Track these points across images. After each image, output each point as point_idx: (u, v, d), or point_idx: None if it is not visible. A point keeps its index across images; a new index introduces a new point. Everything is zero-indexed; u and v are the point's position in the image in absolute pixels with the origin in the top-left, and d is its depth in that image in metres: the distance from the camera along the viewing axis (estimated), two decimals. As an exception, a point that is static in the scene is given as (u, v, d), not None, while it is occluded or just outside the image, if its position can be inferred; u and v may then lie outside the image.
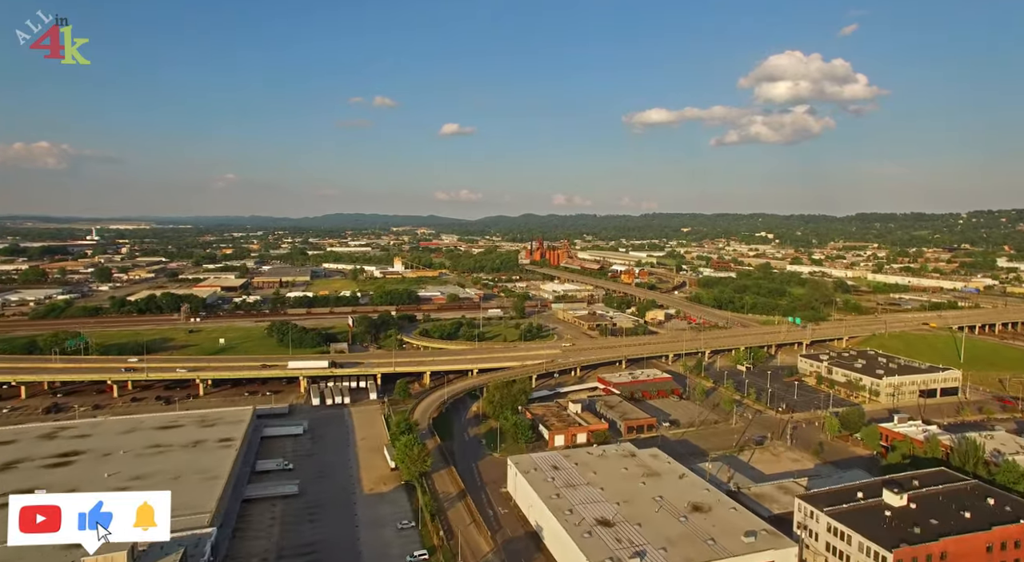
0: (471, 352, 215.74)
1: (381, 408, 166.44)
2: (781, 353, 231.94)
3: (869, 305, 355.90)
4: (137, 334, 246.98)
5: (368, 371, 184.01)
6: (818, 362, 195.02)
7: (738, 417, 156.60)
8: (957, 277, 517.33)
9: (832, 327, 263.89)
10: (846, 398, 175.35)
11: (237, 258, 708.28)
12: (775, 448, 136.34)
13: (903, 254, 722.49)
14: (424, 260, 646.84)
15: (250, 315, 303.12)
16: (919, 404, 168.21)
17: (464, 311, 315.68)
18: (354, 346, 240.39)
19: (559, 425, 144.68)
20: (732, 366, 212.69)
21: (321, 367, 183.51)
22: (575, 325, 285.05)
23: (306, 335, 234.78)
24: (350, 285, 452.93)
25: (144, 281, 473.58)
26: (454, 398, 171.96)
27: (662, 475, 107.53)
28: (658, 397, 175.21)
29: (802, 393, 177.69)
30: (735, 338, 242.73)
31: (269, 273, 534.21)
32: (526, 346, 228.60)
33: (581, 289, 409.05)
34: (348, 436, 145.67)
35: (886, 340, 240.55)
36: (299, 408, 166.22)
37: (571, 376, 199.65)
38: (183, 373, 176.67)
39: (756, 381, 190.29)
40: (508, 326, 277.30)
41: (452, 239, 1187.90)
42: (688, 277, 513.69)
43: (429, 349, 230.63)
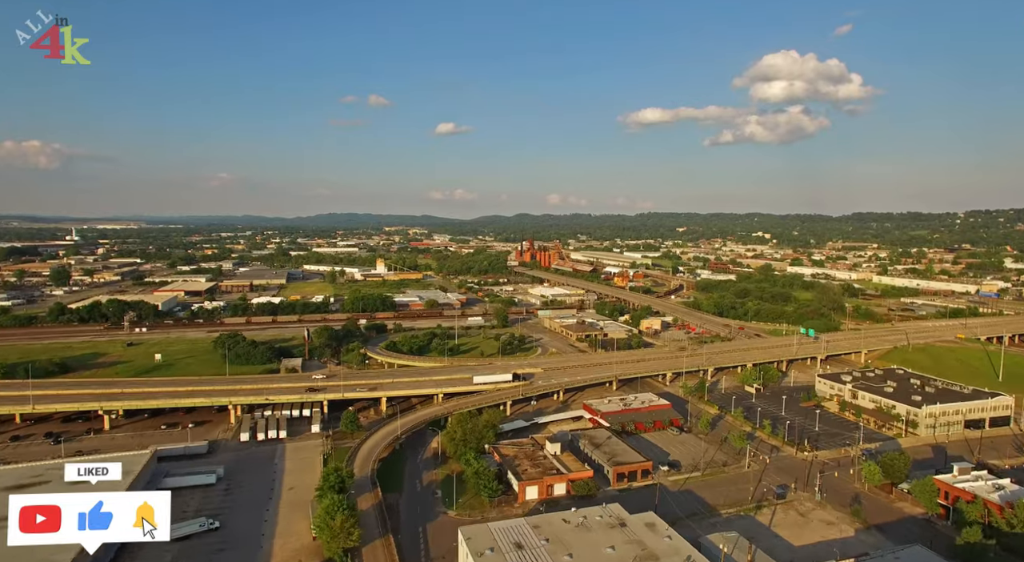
0: (440, 371, 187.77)
1: (324, 444, 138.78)
2: (793, 369, 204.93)
3: (880, 311, 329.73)
4: (67, 348, 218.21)
5: (310, 398, 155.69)
6: (840, 383, 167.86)
7: (751, 457, 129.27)
8: (967, 279, 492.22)
9: (847, 339, 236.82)
10: (877, 430, 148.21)
11: (218, 259, 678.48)
12: (801, 503, 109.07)
13: (906, 255, 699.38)
14: (409, 261, 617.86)
15: (205, 324, 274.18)
16: (966, 437, 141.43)
17: (442, 319, 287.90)
18: (311, 362, 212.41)
19: (532, 472, 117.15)
20: (739, 387, 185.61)
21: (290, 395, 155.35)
22: (562, 335, 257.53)
23: (255, 349, 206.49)
24: (326, 289, 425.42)
25: (107, 285, 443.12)
26: (412, 430, 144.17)
27: (660, 559, 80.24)
28: (654, 429, 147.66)
29: (824, 423, 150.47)
30: (741, 353, 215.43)
31: (242, 276, 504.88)
32: (504, 363, 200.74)
33: (571, 293, 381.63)
34: (273, 485, 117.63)
35: (910, 354, 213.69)
36: (223, 445, 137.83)
37: (553, 400, 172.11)
38: (86, 403, 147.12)
39: (769, 407, 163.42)
40: (488, 337, 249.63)
41: (444, 239, 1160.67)
42: (685, 280, 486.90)
43: (395, 366, 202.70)
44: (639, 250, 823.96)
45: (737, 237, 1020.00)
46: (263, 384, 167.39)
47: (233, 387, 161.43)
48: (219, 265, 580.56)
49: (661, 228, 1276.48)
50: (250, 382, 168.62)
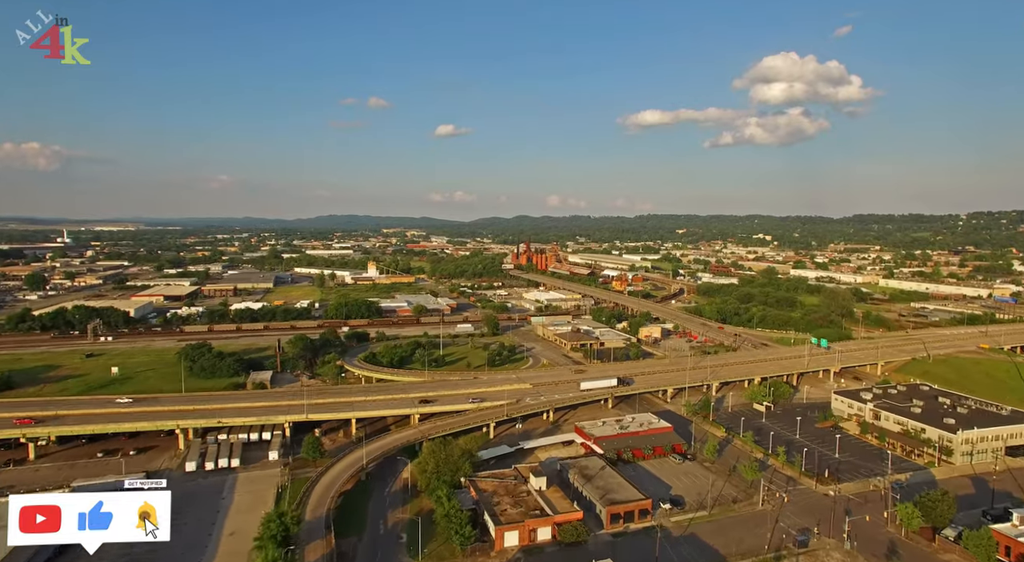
0: (420, 386, 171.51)
1: (281, 474, 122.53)
2: (805, 384, 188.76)
3: (891, 316, 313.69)
4: (17, 360, 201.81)
5: (268, 421, 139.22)
6: (860, 402, 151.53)
7: (766, 492, 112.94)
8: (976, 282, 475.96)
9: (862, 349, 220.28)
10: (905, 457, 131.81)
11: (209, 262, 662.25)
12: (828, 554, 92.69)
13: (910, 257, 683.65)
14: (402, 264, 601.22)
15: (171, 333, 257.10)
16: (1008, 467, 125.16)
17: (430, 326, 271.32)
18: (283, 375, 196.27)
19: (513, 513, 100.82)
20: (747, 404, 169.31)
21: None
22: (556, 344, 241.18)
23: (221, 362, 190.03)
24: (313, 293, 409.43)
25: (87, 289, 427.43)
26: (380, 459, 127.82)
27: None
28: (654, 456, 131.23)
29: (845, 449, 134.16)
30: (748, 365, 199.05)
31: (229, 279, 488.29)
32: (490, 377, 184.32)
33: (567, 298, 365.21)
34: (212, 530, 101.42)
35: (931, 366, 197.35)
36: (165, 477, 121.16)
37: (543, 420, 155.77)
38: (3, 430, 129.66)
39: (781, 428, 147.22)
40: (476, 346, 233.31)
41: (441, 241, 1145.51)
42: (686, 283, 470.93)
43: (373, 381, 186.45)
44: (638, 252, 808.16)
45: (737, 239, 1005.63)
46: (222, 403, 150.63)
47: (184, 408, 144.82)
48: (207, 268, 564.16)
49: (661, 230, 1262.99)
50: (206, 401, 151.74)
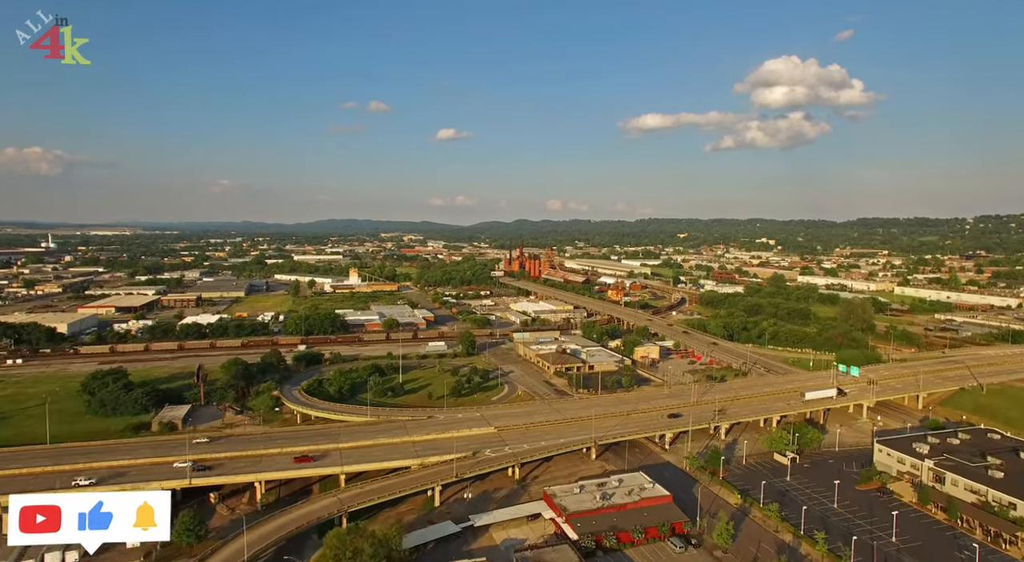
0: (358, 431, 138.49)
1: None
2: (833, 421, 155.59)
3: (917, 331, 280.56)
4: None
5: (133, 490, 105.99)
6: (914, 458, 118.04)
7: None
8: (999, 290, 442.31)
9: (895, 375, 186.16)
10: (988, 543, 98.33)
11: (193, 267, 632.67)
12: None
13: (921, 262, 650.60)
14: (388, 271, 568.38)
15: (89, 356, 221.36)
16: None
17: (399, 343, 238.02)
18: (207, 408, 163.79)
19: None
20: (767, 453, 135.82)
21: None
22: (537, 367, 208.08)
23: (127, 394, 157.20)
24: (284, 303, 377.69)
25: (41, 298, 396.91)
26: (276, 546, 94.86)
27: None
28: (645, 540, 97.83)
29: (903, 526, 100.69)
30: (764, 399, 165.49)
31: (199, 287, 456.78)
32: (448, 415, 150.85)
33: (558, 310, 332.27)
34: None
35: (985, 399, 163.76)
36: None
37: (508, 476, 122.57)
38: None
39: (813, 490, 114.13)
40: (445, 370, 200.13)
41: (437, 246, 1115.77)
42: (687, 291, 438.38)
43: (311, 418, 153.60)
44: (638, 257, 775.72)
45: (740, 243, 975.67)
46: (86, 460, 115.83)
47: (26, 471, 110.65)
48: (181, 275, 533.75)
49: (662, 234, 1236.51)
50: (64, 456, 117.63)
